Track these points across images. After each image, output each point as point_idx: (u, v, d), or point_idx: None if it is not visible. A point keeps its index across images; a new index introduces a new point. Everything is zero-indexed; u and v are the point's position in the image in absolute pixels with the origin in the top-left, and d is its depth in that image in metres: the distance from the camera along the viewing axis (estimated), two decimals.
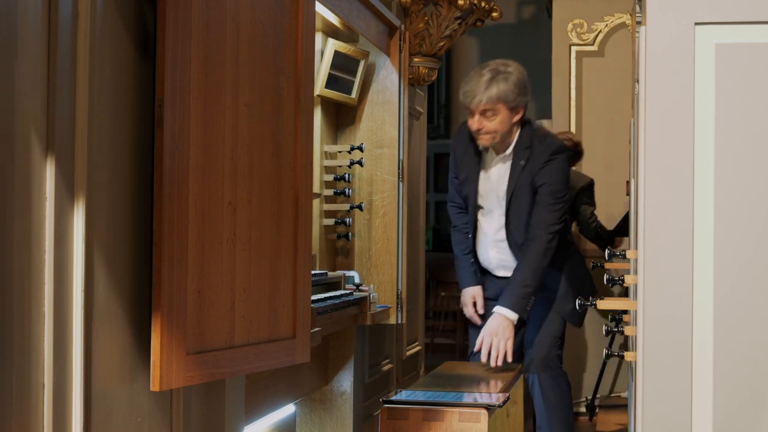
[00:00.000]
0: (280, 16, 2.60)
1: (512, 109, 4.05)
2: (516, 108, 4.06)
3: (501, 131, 4.06)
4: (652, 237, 2.06)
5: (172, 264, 2.20)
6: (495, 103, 4.02)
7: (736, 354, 2.04)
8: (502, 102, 4.02)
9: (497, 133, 4.06)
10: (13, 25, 1.84)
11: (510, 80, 4.03)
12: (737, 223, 2.04)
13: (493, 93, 4.01)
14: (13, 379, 1.83)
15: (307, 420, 4.05)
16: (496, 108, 4.02)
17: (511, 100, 4.03)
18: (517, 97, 4.04)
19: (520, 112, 4.08)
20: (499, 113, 4.03)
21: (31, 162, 1.89)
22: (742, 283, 2.04)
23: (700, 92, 2.05)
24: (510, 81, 4.03)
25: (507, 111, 4.04)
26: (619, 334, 4.16)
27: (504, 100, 4.02)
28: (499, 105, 4.02)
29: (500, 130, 4.05)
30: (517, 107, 4.06)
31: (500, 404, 3.14)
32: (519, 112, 4.08)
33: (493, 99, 4.01)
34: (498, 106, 4.02)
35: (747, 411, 2.03)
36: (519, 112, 4.08)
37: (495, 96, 4.01)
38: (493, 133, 4.05)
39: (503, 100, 4.02)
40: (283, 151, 2.61)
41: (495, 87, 4.02)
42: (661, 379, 2.05)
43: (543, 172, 4.05)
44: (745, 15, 2.04)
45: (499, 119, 4.03)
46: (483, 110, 4.03)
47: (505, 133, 4.07)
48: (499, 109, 4.03)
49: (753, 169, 2.04)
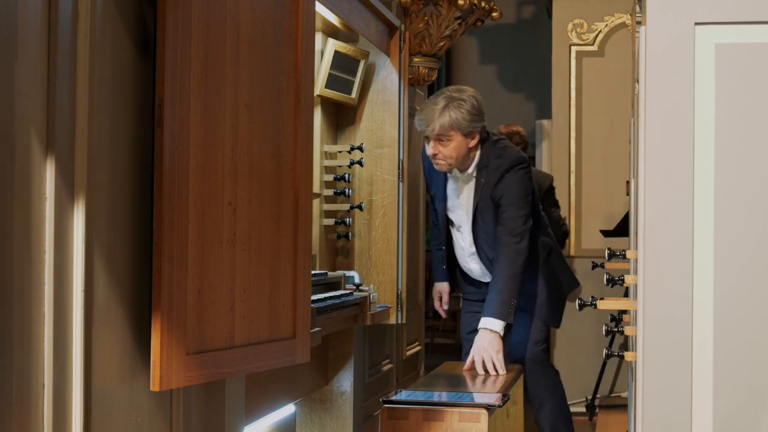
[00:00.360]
0: (280, 16, 2.60)
1: (467, 134, 4.10)
2: (470, 133, 4.11)
3: (456, 156, 4.12)
4: (652, 237, 2.06)
5: (172, 264, 2.20)
6: (448, 129, 4.06)
7: (736, 354, 2.03)
8: (456, 129, 4.06)
9: (452, 159, 4.11)
10: (13, 25, 1.84)
11: (463, 108, 4.07)
12: (737, 223, 2.04)
13: (445, 120, 4.05)
14: (13, 379, 1.83)
15: (307, 420, 4.05)
16: (449, 135, 4.07)
17: (465, 127, 4.08)
18: (470, 124, 4.08)
19: (475, 137, 4.13)
20: (453, 139, 4.08)
21: (31, 162, 1.89)
22: (742, 283, 2.04)
23: (700, 92, 2.05)
24: (463, 108, 4.06)
25: (461, 137, 4.08)
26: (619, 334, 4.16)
27: (457, 127, 4.06)
28: (452, 132, 4.06)
29: (456, 156, 4.11)
30: (471, 133, 4.11)
31: (500, 404, 3.14)
32: (474, 136, 4.12)
33: (446, 126, 4.06)
34: (451, 133, 4.07)
35: (747, 411, 2.03)
36: (474, 137, 4.12)
37: (447, 123, 4.05)
38: (449, 158, 4.11)
39: (456, 127, 4.06)
40: (283, 151, 2.61)
41: (447, 115, 4.06)
42: (661, 379, 2.05)
43: (499, 188, 4.13)
44: (745, 15, 2.04)
45: (453, 145, 4.09)
46: (437, 137, 4.08)
47: (461, 158, 4.14)
48: (453, 135, 4.07)
49: (753, 169, 2.04)
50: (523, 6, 9.24)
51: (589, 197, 6.67)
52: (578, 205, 6.68)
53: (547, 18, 7.33)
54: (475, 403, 3.11)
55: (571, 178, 6.67)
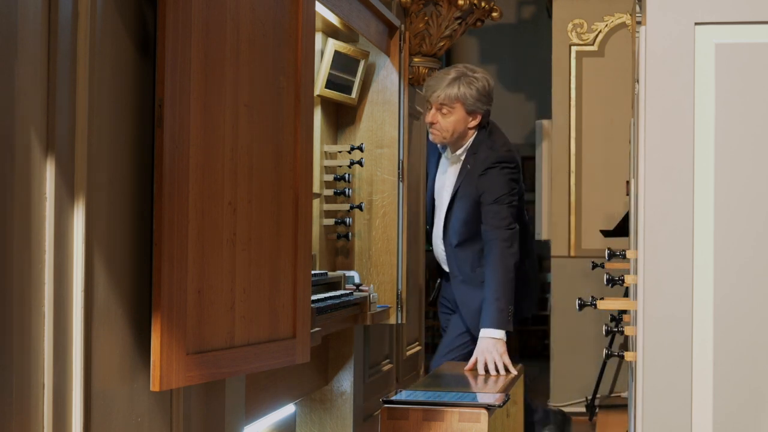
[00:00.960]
0: (280, 16, 2.60)
1: (470, 112, 4.08)
2: (474, 112, 4.09)
3: (453, 131, 4.10)
4: (652, 237, 2.06)
5: (172, 264, 2.20)
6: (453, 101, 4.05)
7: (736, 354, 2.03)
8: (461, 102, 4.06)
9: (449, 132, 4.10)
10: (13, 25, 1.84)
11: (473, 85, 4.06)
12: (737, 223, 2.04)
13: (453, 92, 4.05)
14: (13, 379, 1.83)
15: (307, 420, 4.05)
16: (453, 106, 4.06)
17: (470, 104, 4.07)
18: (476, 102, 4.07)
19: (476, 118, 4.10)
20: (454, 113, 4.07)
21: (31, 162, 1.89)
22: (742, 283, 2.04)
23: (700, 92, 2.05)
24: (473, 86, 4.06)
25: (464, 112, 4.07)
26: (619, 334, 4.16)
27: (463, 100, 4.05)
28: (456, 104, 4.06)
29: (453, 130, 4.09)
30: (474, 112, 4.09)
31: (500, 404, 3.14)
32: (476, 117, 4.10)
33: (452, 97, 4.05)
34: (455, 105, 4.06)
35: (747, 411, 2.03)
36: (476, 118, 4.10)
37: (454, 95, 4.05)
38: (445, 131, 4.10)
39: (462, 101, 4.05)
40: (283, 151, 2.61)
41: (456, 87, 4.06)
42: (661, 379, 2.05)
43: (481, 180, 4.08)
44: (745, 15, 2.04)
45: (453, 118, 4.08)
46: (440, 105, 4.07)
47: (457, 134, 4.11)
48: (456, 108, 4.06)
49: (753, 169, 2.04)
50: (523, 6, 9.24)
51: (589, 197, 6.67)
52: (578, 205, 6.68)
53: (547, 18, 7.33)
54: (475, 403, 3.11)
55: (571, 178, 6.67)
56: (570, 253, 6.66)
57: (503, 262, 4.00)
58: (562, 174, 6.68)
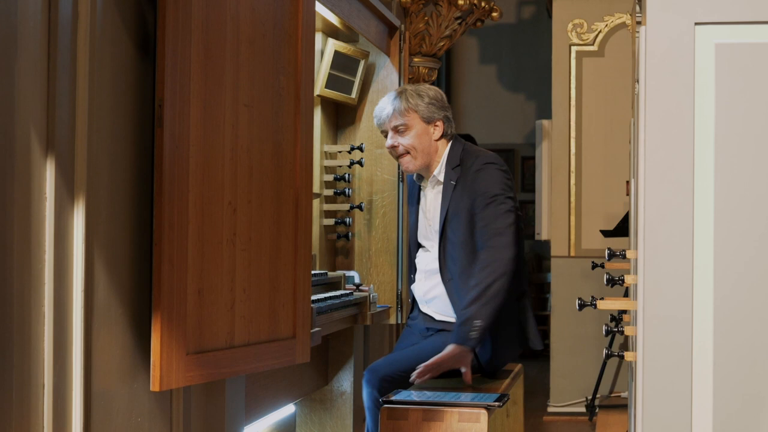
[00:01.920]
0: (280, 16, 2.60)
1: (427, 120, 3.61)
2: (432, 120, 3.62)
3: (419, 148, 3.60)
4: (652, 237, 2.06)
5: (172, 264, 2.20)
6: (405, 114, 3.59)
7: (736, 354, 2.03)
8: (414, 112, 3.60)
9: (415, 151, 3.59)
10: (13, 25, 1.84)
11: (422, 95, 3.63)
12: (737, 223, 2.04)
13: (401, 104, 3.59)
14: (13, 379, 1.83)
15: (307, 420, 4.05)
16: (407, 120, 3.59)
17: (423, 110, 3.60)
18: (429, 108, 3.61)
19: (438, 125, 3.62)
20: (412, 126, 3.59)
21: (31, 162, 1.89)
22: (743, 283, 2.04)
23: (700, 92, 2.05)
24: (422, 95, 3.63)
25: (421, 123, 3.60)
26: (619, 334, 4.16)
27: (415, 108, 3.59)
28: (411, 116, 3.59)
29: (418, 146, 3.60)
30: (432, 119, 3.61)
31: (500, 404, 3.14)
32: (436, 124, 3.62)
33: (402, 110, 3.59)
34: (409, 117, 3.59)
35: (747, 411, 2.03)
36: (437, 125, 3.62)
37: (404, 107, 3.59)
38: (411, 150, 3.59)
39: (414, 109, 3.59)
40: (283, 151, 2.61)
41: (404, 99, 3.62)
42: (661, 379, 2.05)
43: (475, 182, 3.54)
44: (745, 15, 2.04)
45: (414, 133, 3.59)
46: (395, 126, 3.60)
47: (425, 151, 3.61)
48: (412, 121, 3.59)
49: (753, 170, 2.04)
50: (523, 6, 9.24)
51: (589, 197, 6.67)
52: (578, 205, 6.68)
53: (547, 18, 7.33)
54: (475, 403, 3.11)
55: (571, 178, 6.68)
56: (570, 253, 6.67)
57: (496, 270, 3.42)
58: (562, 174, 6.68)
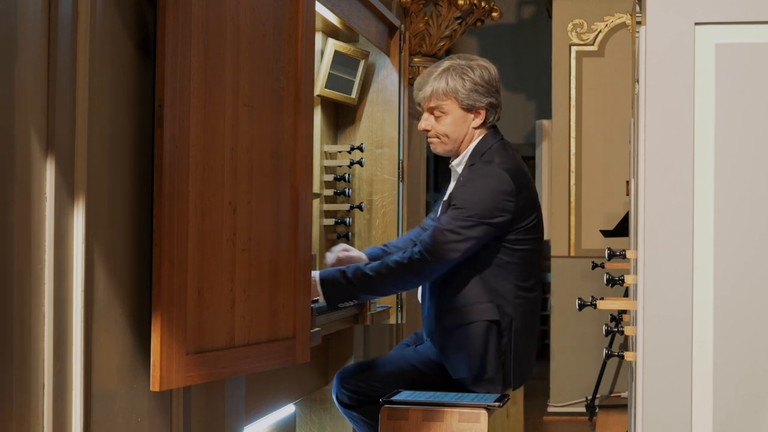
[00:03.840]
0: (280, 16, 2.60)
1: (467, 108, 3.28)
2: (473, 108, 3.28)
3: (454, 136, 3.30)
4: (652, 237, 2.06)
5: (172, 264, 2.20)
6: (443, 98, 3.27)
7: (736, 354, 2.03)
8: (453, 98, 3.27)
9: (448, 138, 3.30)
10: (13, 25, 1.84)
11: (468, 76, 3.26)
12: (737, 223, 2.04)
13: (440, 86, 3.27)
14: (13, 379, 1.83)
15: (307, 420, 4.05)
16: (444, 105, 3.28)
17: (464, 98, 3.26)
18: (471, 95, 3.26)
19: (480, 114, 3.29)
20: (449, 113, 3.29)
21: (31, 162, 1.89)
22: (743, 283, 2.04)
23: (700, 92, 2.05)
24: (468, 77, 3.26)
25: (460, 110, 3.27)
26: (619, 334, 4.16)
27: (454, 95, 3.26)
28: (448, 101, 3.27)
29: (452, 134, 3.30)
30: (474, 107, 3.28)
31: (500, 404, 3.14)
32: (478, 113, 3.29)
33: (440, 93, 3.27)
34: (447, 103, 3.28)
35: (747, 411, 2.03)
36: (479, 114, 3.29)
37: (443, 90, 3.27)
38: (443, 137, 3.31)
39: (454, 96, 3.26)
40: (283, 151, 2.61)
41: (445, 79, 3.27)
42: (661, 379, 2.05)
43: (458, 192, 3.22)
44: (745, 15, 2.04)
45: (449, 120, 3.29)
46: (431, 108, 3.32)
47: (458, 139, 3.31)
48: (449, 107, 3.28)
49: (753, 169, 2.04)
50: (523, 6, 9.24)
51: (589, 197, 6.67)
52: (578, 205, 6.68)
53: (547, 18, 7.33)
54: (475, 403, 3.10)
55: (571, 178, 6.68)
56: (570, 253, 6.67)
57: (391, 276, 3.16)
58: (562, 174, 6.68)
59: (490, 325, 3.22)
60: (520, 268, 3.24)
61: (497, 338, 3.23)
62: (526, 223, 3.22)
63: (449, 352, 3.27)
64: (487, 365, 3.23)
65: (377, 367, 3.40)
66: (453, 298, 3.25)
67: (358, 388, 3.34)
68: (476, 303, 3.22)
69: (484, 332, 3.22)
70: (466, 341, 3.23)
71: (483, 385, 3.25)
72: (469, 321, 3.22)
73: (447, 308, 3.26)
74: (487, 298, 3.22)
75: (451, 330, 3.25)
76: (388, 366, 3.39)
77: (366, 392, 3.32)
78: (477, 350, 3.22)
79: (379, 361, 3.46)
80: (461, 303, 3.24)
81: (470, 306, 3.23)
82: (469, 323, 3.22)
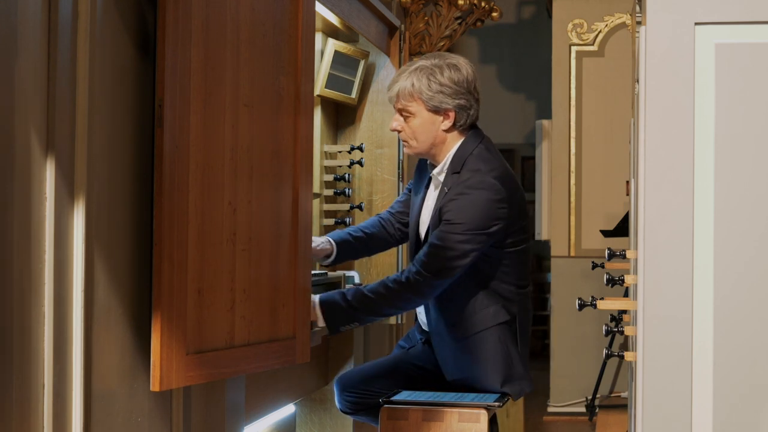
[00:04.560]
0: (280, 16, 2.60)
1: (433, 109, 3.14)
2: (439, 109, 3.14)
3: (421, 138, 3.17)
4: (652, 237, 2.06)
5: (172, 264, 2.20)
6: (408, 99, 3.13)
7: (736, 354, 2.03)
8: (418, 98, 3.12)
9: (416, 141, 3.17)
10: (13, 25, 1.84)
11: (435, 77, 3.12)
12: (737, 223, 2.04)
13: (407, 86, 3.13)
14: (13, 379, 1.83)
15: (307, 420, 4.05)
16: (411, 106, 3.14)
17: (428, 99, 3.12)
18: (437, 96, 3.12)
19: (449, 116, 3.14)
20: (416, 114, 3.14)
21: (31, 162, 1.89)
22: (743, 283, 2.04)
23: (700, 92, 2.05)
24: (434, 78, 3.12)
25: (426, 111, 3.13)
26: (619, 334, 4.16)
27: (419, 96, 3.12)
28: (414, 103, 3.13)
29: (419, 137, 3.16)
30: (440, 109, 3.14)
31: (500, 404, 3.14)
32: (446, 116, 3.15)
33: (406, 94, 3.13)
34: (413, 105, 3.14)
35: (747, 411, 2.03)
36: (446, 116, 3.15)
37: (408, 90, 3.13)
38: (411, 139, 3.18)
39: (419, 96, 3.12)
40: (283, 151, 2.61)
41: (411, 80, 3.13)
42: (661, 379, 2.05)
43: (450, 206, 3.09)
44: (745, 15, 2.04)
45: (417, 122, 3.15)
46: (399, 108, 3.18)
47: (427, 141, 3.17)
48: (415, 108, 3.14)
49: (753, 169, 2.04)
50: (523, 6, 9.24)
51: (589, 197, 6.67)
52: (578, 205, 6.68)
53: (547, 18, 7.33)
54: (475, 403, 3.10)
55: (571, 178, 6.68)
56: (570, 253, 6.67)
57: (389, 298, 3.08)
58: (562, 174, 6.68)
59: (503, 327, 3.20)
60: (518, 268, 3.23)
61: (513, 337, 3.22)
62: (519, 225, 3.19)
63: (468, 363, 3.23)
64: (513, 365, 3.21)
65: (376, 373, 3.40)
66: (460, 309, 3.20)
67: (359, 398, 3.36)
68: (484, 309, 3.19)
69: (500, 335, 3.20)
70: (483, 348, 3.21)
71: (516, 383, 3.22)
72: (481, 328, 3.19)
73: (456, 320, 3.21)
74: (493, 302, 3.20)
75: (464, 340, 3.21)
76: (386, 370, 3.40)
77: (367, 400, 3.34)
78: (499, 353, 3.19)
79: (377, 366, 3.47)
80: (470, 312, 3.19)
81: (479, 313, 3.20)
82: (481, 330, 3.20)
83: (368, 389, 3.34)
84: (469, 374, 3.24)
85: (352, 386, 3.37)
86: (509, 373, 3.21)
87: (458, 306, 3.21)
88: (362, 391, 3.35)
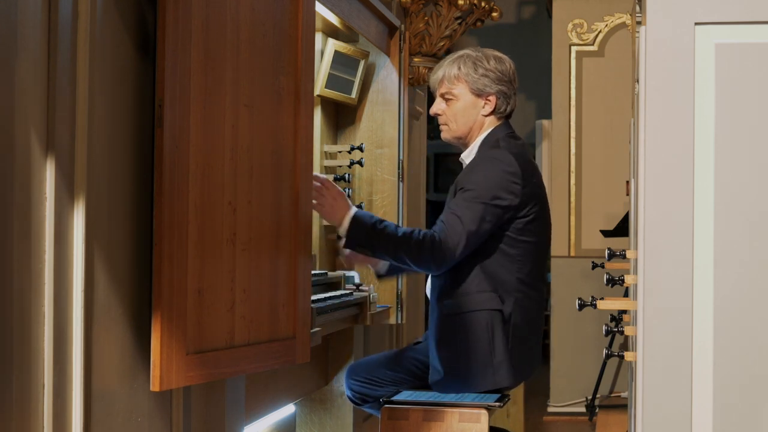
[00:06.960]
0: (280, 16, 2.60)
1: (478, 93, 3.25)
2: (483, 93, 3.25)
3: (462, 121, 3.28)
4: (652, 237, 2.06)
5: (172, 264, 2.20)
6: (454, 82, 3.26)
7: (736, 354, 2.03)
8: (463, 81, 3.25)
9: (455, 124, 3.28)
10: (13, 25, 1.84)
11: (481, 63, 3.25)
12: (737, 223, 2.04)
13: (452, 71, 3.26)
14: (13, 379, 1.83)
15: (307, 420, 4.05)
16: (455, 89, 3.26)
17: (474, 81, 3.24)
18: (482, 79, 3.24)
19: (490, 101, 3.25)
20: (459, 98, 3.26)
21: (31, 162, 1.89)
22: (742, 283, 2.04)
23: (700, 92, 2.05)
24: (480, 64, 3.25)
25: (471, 95, 3.25)
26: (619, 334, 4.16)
27: (465, 78, 3.24)
28: (459, 85, 3.26)
29: (460, 120, 3.28)
30: (484, 93, 3.24)
31: (500, 404, 3.14)
32: (489, 100, 3.25)
33: (452, 77, 3.26)
34: (458, 87, 3.26)
35: (747, 411, 2.03)
36: (489, 101, 3.25)
37: (454, 74, 3.25)
38: (452, 122, 3.29)
39: (464, 79, 3.25)
40: (283, 151, 2.61)
41: (458, 65, 3.27)
42: (661, 378, 2.05)
43: (464, 176, 3.19)
44: (745, 15, 2.04)
45: (459, 105, 3.26)
46: (442, 93, 3.29)
47: (466, 124, 3.28)
48: (459, 91, 3.26)
49: (753, 169, 2.04)
50: (523, 6, 9.24)
51: (589, 197, 6.67)
52: (578, 205, 6.68)
53: (547, 18, 7.33)
54: (475, 404, 3.10)
55: (571, 178, 6.68)
56: (570, 253, 6.67)
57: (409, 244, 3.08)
58: (562, 174, 6.68)
59: (494, 315, 3.20)
60: (522, 261, 3.22)
61: (504, 328, 3.20)
62: (528, 211, 3.18)
63: (450, 338, 3.23)
64: (494, 354, 3.19)
65: (381, 362, 3.44)
66: (455, 286, 3.22)
67: (361, 386, 3.40)
68: (478, 292, 3.20)
69: (489, 321, 3.19)
70: (468, 329, 3.21)
71: (490, 374, 3.20)
72: (470, 309, 3.20)
73: (447, 295, 3.24)
74: (489, 288, 3.20)
75: (453, 316, 3.22)
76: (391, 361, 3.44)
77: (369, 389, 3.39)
78: (483, 339, 3.19)
79: (384, 356, 3.52)
80: (463, 291, 3.21)
81: (472, 294, 3.21)
82: (470, 311, 3.20)
83: (371, 378, 3.38)
84: (445, 353, 3.22)
85: (357, 373, 3.44)
86: (487, 361, 3.19)
87: (454, 282, 3.22)
88: (365, 379, 3.38)
